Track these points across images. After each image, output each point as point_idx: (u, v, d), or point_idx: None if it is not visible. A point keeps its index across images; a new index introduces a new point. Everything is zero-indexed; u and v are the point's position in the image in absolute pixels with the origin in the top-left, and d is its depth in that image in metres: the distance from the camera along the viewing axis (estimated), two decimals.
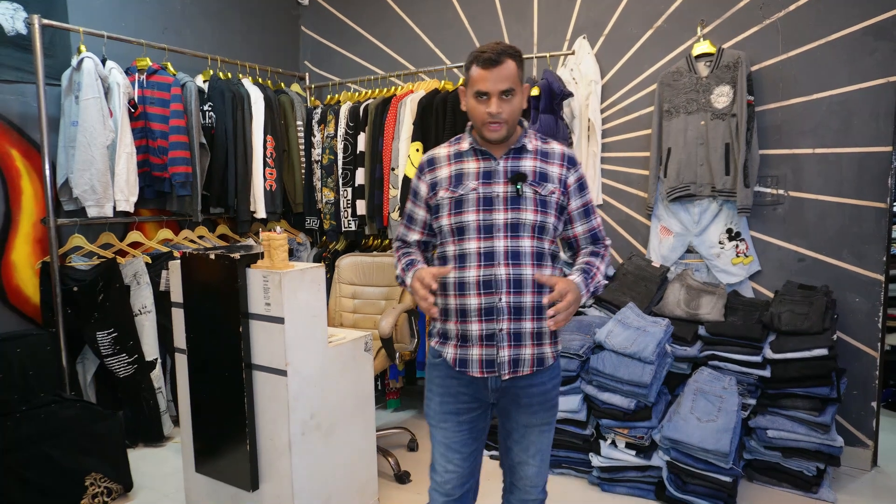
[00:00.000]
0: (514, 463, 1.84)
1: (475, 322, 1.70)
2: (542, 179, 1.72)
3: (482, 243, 1.69)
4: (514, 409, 1.78)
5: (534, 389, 1.75)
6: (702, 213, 3.20)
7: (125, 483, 2.76)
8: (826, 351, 2.63)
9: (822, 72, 2.96)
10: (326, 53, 4.49)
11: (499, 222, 1.69)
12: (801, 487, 2.69)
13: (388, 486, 2.82)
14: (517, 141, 1.74)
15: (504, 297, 1.68)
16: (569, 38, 3.57)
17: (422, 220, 1.83)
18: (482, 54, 1.64)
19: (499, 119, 1.65)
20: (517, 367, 1.71)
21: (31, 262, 3.16)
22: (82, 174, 3.03)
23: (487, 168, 1.72)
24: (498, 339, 1.69)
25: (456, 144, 1.79)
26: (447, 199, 1.73)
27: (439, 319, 1.78)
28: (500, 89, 1.64)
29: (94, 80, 3.02)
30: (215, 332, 2.28)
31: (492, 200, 1.70)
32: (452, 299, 1.72)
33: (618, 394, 2.72)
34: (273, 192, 3.81)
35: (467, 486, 1.82)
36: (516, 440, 1.81)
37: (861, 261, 2.94)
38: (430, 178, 1.78)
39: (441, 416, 1.79)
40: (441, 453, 1.80)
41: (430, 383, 1.83)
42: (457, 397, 1.77)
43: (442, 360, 1.77)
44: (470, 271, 1.69)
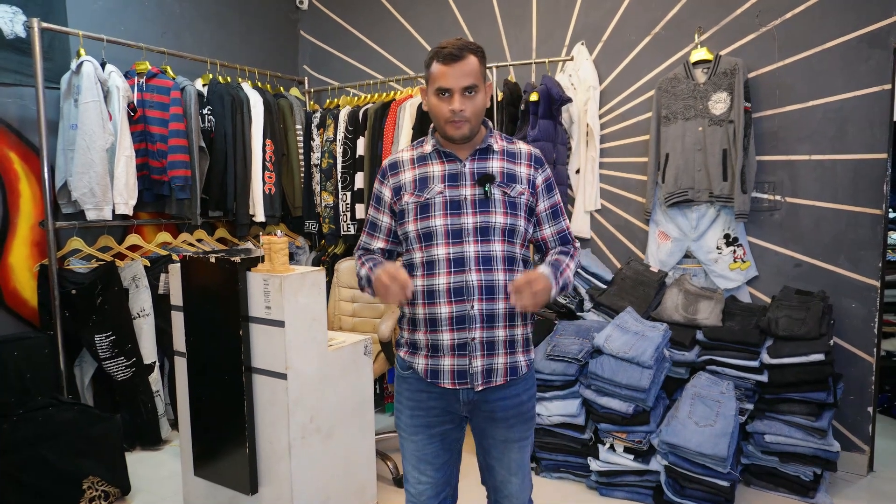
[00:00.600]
0: (497, 482, 1.77)
1: (446, 331, 1.62)
2: (509, 180, 1.66)
3: (451, 248, 1.61)
4: (490, 426, 1.70)
5: (508, 402, 1.68)
6: (699, 218, 3.22)
7: (123, 486, 2.76)
8: (823, 356, 2.65)
9: (817, 79, 2.99)
10: (325, 58, 4.51)
11: (468, 226, 1.62)
12: (798, 492, 2.70)
13: (387, 490, 2.82)
14: (482, 141, 1.67)
15: (476, 305, 1.60)
16: (567, 43, 3.60)
17: (386, 228, 1.74)
18: (442, 49, 1.58)
19: (461, 117, 1.58)
20: (490, 378, 1.64)
21: (29, 264, 3.15)
22: (81, 177, 3.03)
23: (453, 170, 1.65)
24: (470, 349, 1.62)
25: (419, 147, 1.72)
26: (412, 204, 1.65)
27: (407, 330, 1.71)
28: (463, 85, 1.57)
29: (94, 83, 3.03)
30: (215, 336, 2.28)
31: (459, 204, 1.63)
32: (421, 308, 1.64)
33: (616, 398, 2.73)
34: (272, 195, 3.82)
35: (443, 496, 1.76)
36: (497, 458, 1.74)
37: (857, 266, 2.96)
38: (392, 183, 1.70)
39: (412, 429, 1.72)
40: (413, 465, 1.74)
41: (399, 395, 1.75)
42: (428, 411, 1.69)
43: (412, 373, 1.70)
44: (439, 278, 1.61)
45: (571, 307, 3.30)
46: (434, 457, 1.71)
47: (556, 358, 2.87)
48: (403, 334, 1.73)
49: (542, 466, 2.96)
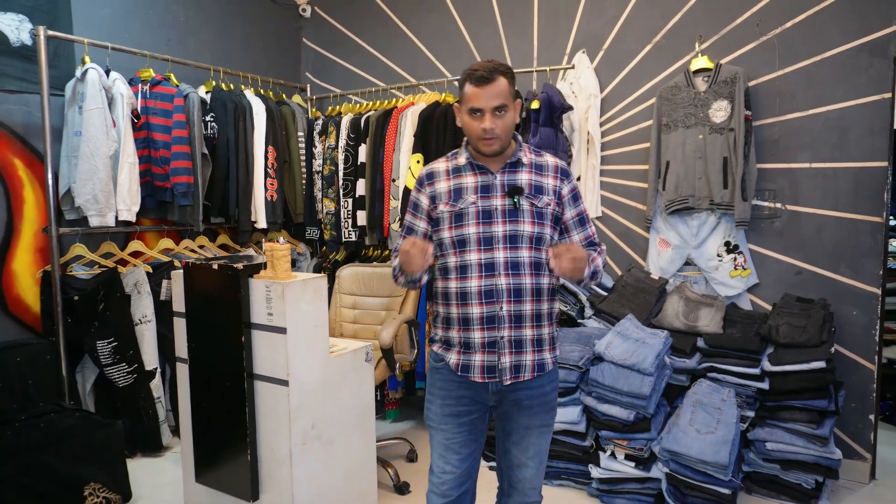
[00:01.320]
0: (512, 465, 1.88)
1: (477, 330, 1.76)
2: (537, 192, 1.78)
3: (483, 255, 1.75)
4: (514, 412, 1.82)
5: (533, 392, 1.81)
6: (700, 225, 3.22)
7: (124, 493, 2.76)
8: (824, 364, 2.65)
9: (818, 88, 3.00)
10: (328, 65, 4.53)
11: (498, 234, 1.75)
12: (799, 500, 2.70)
13: (388, 497, 2.82)
14: (512, 155, 1.79)
15: (505, 306, 1.74)
16: (568, 52, 3.62)
17: (422, 232, 1.85)
18: (475, 72, 1.70)
19: (493, 134, 1.70)
20: (518, 373, 1.77)
21: (32, 270, 3.16)
22: (85, 184, 3.04)
23: (485, 182, 1.78)
24: (499, 346, 1.76)
25: (454, 159, 1.84)
26: (447, 213, 1.78)
27: (441, 328, 1.85)
28: (493, 105, 1.69)
29: (98, 90, 3.05)
30: (217, 342, 2.28)
31: (490, 213, 1.76)
32: (455, 308, 1.78)
33: (617, 405, 2.73)
34: (274, 202, 3.83)
35: (465, 488, 1.85)
36: (515, 441, 1.85)
37: (858, 274, 2.96)
38: (429, 191, 1.83)
39: (441, 419, 1.83)
40: (440, 454, 1.85)
41: (431, 387, 1.88)
42: (458, 400, 1.82)
43: (444, 365, 1.83)
44: (472, 281, 1.75)
45: (572, 314, 3.31)
46: (461, 446, 1.82)
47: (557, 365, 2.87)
48: (437, 332, 1.87)
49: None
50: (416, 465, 3.18)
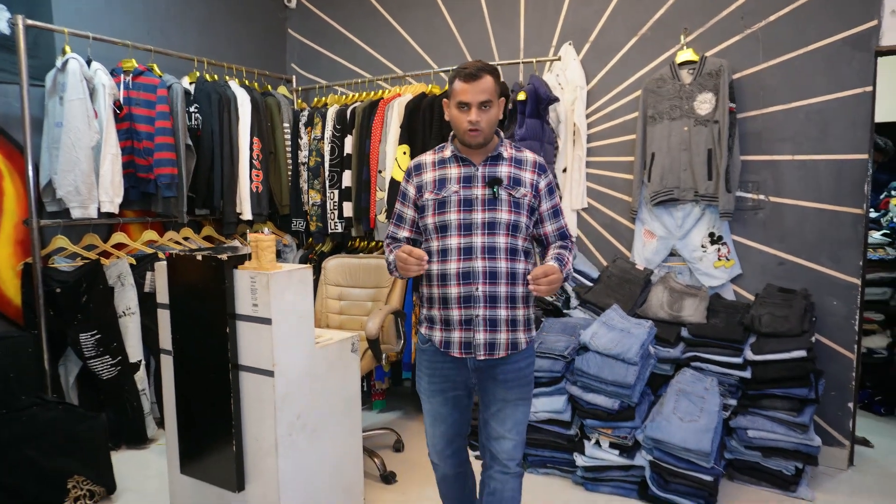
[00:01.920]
0: (491, 438, 2.02)
1: (455, 308, 1.91)
2: (515, 184, 1.92)
3: (462, 239, 1.90)
4: (491, 385, 1.98)
5: (508, 367, 1.95)
6: (685, 217, 3.25)
7: (108, 485, 2.74)
8: (805, 353, 2.69)
9: (801, 81, 3.03)
10: (313, 56, 4.50)
11: (477, 221, 1.89)
12: (780, 486, 2.74)
13: (375, 487, 2.83)
14: (494, 149, 1.94)
15: (480, 287, 1.89)
16: (555, 43, 3.62)
17: (410, 220, 2.02)
18: (464, 70, 1.86)
19: (478, 127, 1.85)
20: (493, 350, 1.91)
21: (13, 263, 3.12)
22: (66, 175, 3.01)
23: (468, 173, 1.93)
24: (475, 324, 1.90)
25: (440, 152, 2.00)
26: (432, 201, 1.93)
27: (425, 307, 2.01)
28: (479, 100, 1.84)
29: (79, 80, 3.01)
30: (202, 333, 2.27)
31: (471, 202, 1.90)
32: (436, 288, 1.94)
33: (602, 394, 2.75)
34: (259, 193, 3.81)
35: (456, 444, 2.08)
36: (493, 414, 1.99)
37: (839, 265, 3.00)
38: (416, 182, 1.99)
39: (430, 394, 2.03)
40: (430, 422, 2.07)
41: (419, 364, 2.05)
42: (443, 378, 1.99)
43: (430, 345, 1.99)
44: (451, 264, 1.90)
45: (558, 304, 3.33)
46: (448, 415, 2.03)
47: (543, 355, 2.89)
48: (423, 311, 2.03)
49: (528, 462, 2.98)
50: (402, 454, 3.19)
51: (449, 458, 2.08)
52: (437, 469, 2.13)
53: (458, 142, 1.94)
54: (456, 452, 2.09)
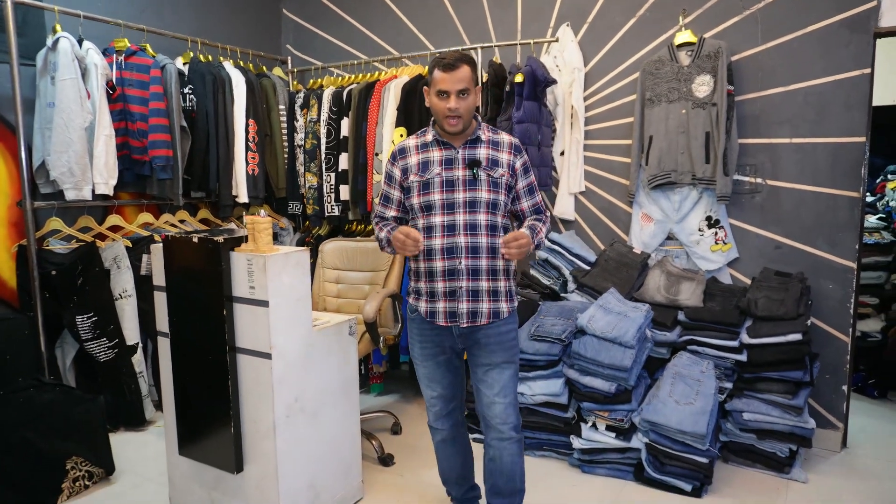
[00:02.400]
0: (483, 405, 2.16)
1: (440, 281, 2.06)
2: (493, 164, 2.07)
3: (445, 217, 2.05)
4: (477, 351, 2.13)
5: (490, 331, 2.10)
6: (682, 200, 3.25)
7: (107, 467, 2.75)
8: (800, 336, 2.70)
9: (799, 63, 3.02)
10: (309, 37, 4.45)
11: (459, 200, 2.04)
12: (774, 468, 2.77)
13: (373, 469, 2.85)
14: (473, 133, 2.08)
15: (463, 261, 2.04)
16: (552, 25, 3.59)
17: (396, 200, 2.16)
18: (442, 60, 2.00)
19: (457, 113, 1.99)
20: (475, 318, 2.07)
21: (7, 245, 3.10)
22: (60, 156, 2.98)
23: (449, 156, 2.07)
24: (458, 295, 2.06)
25: (422, 136, 2.14)
26: (416, 183, 2.08)
27: (412, 280, 2.16)
28: (458, 89, 1.98)
29: (71, 60, 2.97)
30: (199, 316, 2.27)
31: (453, 183, 2.05)
32: (422, 263, 2.09)
33: (599, 377, 2.77)
34: (255, 176, 3.78)
35: (452, 405, 2.24)
36: (481, 379, 2.14)
37: (835, 249, 3.01)
38: (402, 164, 2.12)
39: (422, 358, 2.19)
40: (426, 385, 2.22)
41: (410, 332, 2.20)
42: (432, 343, 2.15)
43: (417, 314, 2.15)
44: (436, 240, 2.05)
45: (555, 288, 3.33)
46: (441, 377, 2.19)
47: (540, 338, 2.90)
48: (410, 283, 2.18)
49: (525, 444, 2.99)
50: (400, 437, 3.20)
51: (445, 418, 2.23)
52: (437, 434, 2.27)
53: (439, 127, 2.07)
54: (452, 413, 2.25)
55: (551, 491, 2.68)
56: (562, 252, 3.36)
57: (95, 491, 2.68)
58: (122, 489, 2.71)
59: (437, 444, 2.30)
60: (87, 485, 2.67)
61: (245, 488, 2.28)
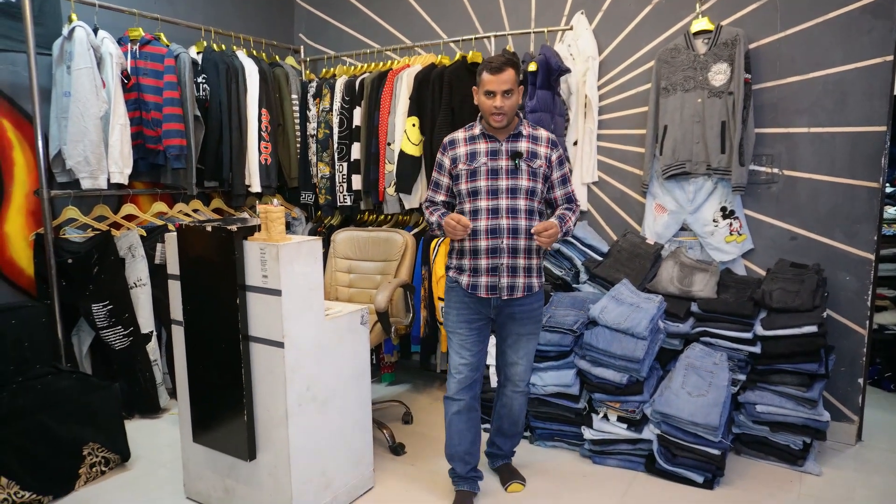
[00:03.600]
0: (506, 363, 2.48)
1: (483, 258, 2.32)
2: (532, 156, 2.33)
3: (490, 202, 2.31)
4: (509, 322, 2.41)
5: (524, 307, 2.38)
6: (696, 191, 3.21)
7: (122, 453, 2.79)
8: (816, 328, 2.67)
9: (818, 50, 2.96)
10: (321, 26, 4.44)
11: (502, 187, 2.31)
12: (787, 461, 2.75)
13: (384, 458, 2.86)
14: (515, 128, 2.34)
15: (505, 241, 2.31)
16: (567, 13, 3.55)
17: (445, 186, 2.41)
18: (490, 63, 2.25)
19: (502, 111, 2.25)
20: (513, 292, 2.34)
21: (25, 233, 3.14)
22: (76, 145, 3.00)
23: (494, 148, 2.33)
24: (500, 271, 2.32)
25: (470, 130, 2.39)
26: (464, 171, 2.33)
27: (455, 258, 2.39)
28: (503, 89, 2.23)
29: (87, 49, 2.98)
30: (212, 304, 2.28)
31: (497, 172, 2.31)
32: (468, 242, 2.34)
33: (610, 368, 2.76)
34: (268, 165, 3.79)
35: (476, 375, 2.43)
36: (510, 345, 2.45)
37: (852, 240, 2.97)
38: (451, 154, 2.38)
39: (457, 325, 2.40)
40: (456, 351, 2.41)
41: (448, 301, 2.44)
42: (469, 309, 2.38)
43: (457, 285, 2.39)
44: (481, 222, 2.31)
45: (567, 279, 3.32)
46: (472, 344, 2.40)
47: (552, 329, 2.89)
48: (452, 261, 2.42)
49: (536, 435, 3.00)
50: (411, 427, 3.22)
51: (467, 389, 2.40)
52: (453, 405, 2.43)
53: (485, 122, 2.32)
54: (473, 385, 2.42)
55: (562, 481, 2.68)
56: (574, 242, 3.35)
57: (111, 476, 2.72)
58: (137, 475, 2.75)
59: (451, 416, 2.44)
60: (104, 470, 2.72)
61: (258, 475, 2.31)
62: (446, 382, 2.45)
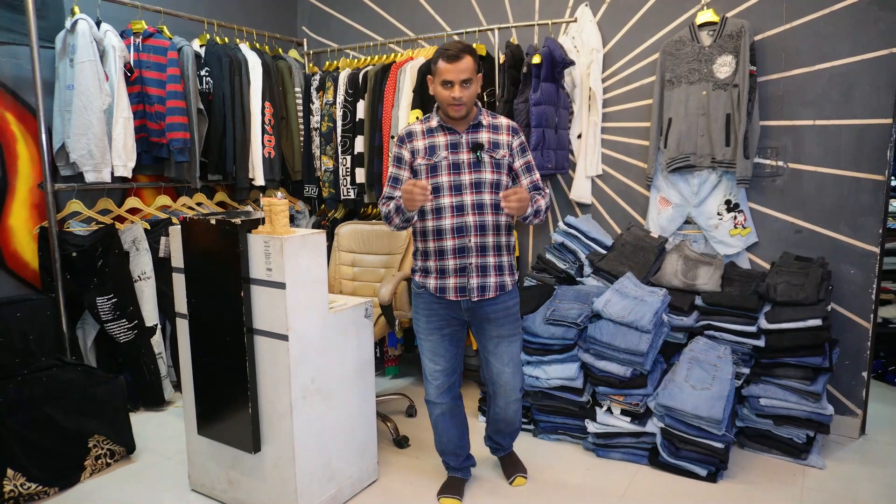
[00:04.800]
0: (493, 373, 2.36)
1: (451, 259, 2.21)
2: (494, 147, 2.23)
3: (453, 198, 2.19)
4: (485, 325, 2.29)
5: (498, 306, 2.27)
6: (701, 184, 3.20)
7: (127, 445, 2.81)
8: (820, 321, 2.66)
9: (824, 42, 2.94)
10: (324, 19, 4.42)
11: (465, 181, 2.20)
12: (790, 454, 2.75)
13: (387, 451, 2.87)
14: (474, 118, 2.23)
15: (472, 239, 2.20)
16: (571, 5, 3.53)
17: (406, 181, 2.22)
18: (446, 51, 2.11)
19: (460, 101, 2.13)
20: (484, 292, 2.23)
21: (29, 226, 3.15)
22: (79, 139, 3.00)
23: (454, 140, 2.22)
24: (468, 271, 2.22)
25: (427, 122, 2.26)
26: (424, 166, 2.21)
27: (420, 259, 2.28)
28: (461, 79, 2.11)
29: (89, 42, 2.98)
30: (216, 297, 2.29)
31: (459, 165, 2.21)
32: (432, 243, 2.22)
33: (614, 362, 2.76)
34: (271, 159, 3.79)
35: (453, 378, 2.37)
36: (491, 351, 2.33)
37: (857, 233, 2.96)
38: (410, 147, 2.26)
39: (427, 331, 2.31)
40: (430, 358, 2.34)
41: (416, 308, 2.34)
42: (439, 317, 2.28)
43: (424, 290, 2.28)
44: (445, 220, 2.19)
45: (571, 272, 3.31)
46: (445, 350, 2.32)
47: (556, 322, 2.89)
48: (417, 263, 2.30)
49: (539, 428, 3.00)
50: (415, 419, 3.23)
51: (446, 392, 2.35)
52: (436, 408, 2.39)
53: (443, 113, 2.21)
54: (451, 387, 2.37)
55: (566, 474, 2.69)
56: (578, 236, 3.34)
57: (117, 469, 2.74)
58: (142, 467, 2.76)
59: (435, 417, 2.41)
60: (109, 462, 2.73)
61: (262, 468, 2.32)
62: (424, 385, 2.41)
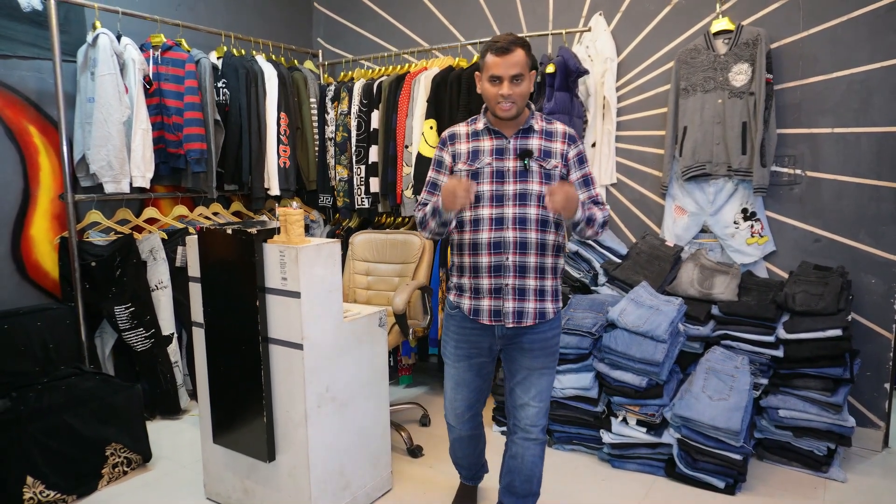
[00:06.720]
0: (516, 405, 2.10)
1: (485, 277, 1.98)
2: (546, 155, 1.97)
3: (493, 210, 1.96)
4: (518, 354, 2.05)
5: (535, 336, 2.01)
6: (717, 192, 3.18)
7: (144, 453, 2.83)
8: (840, 332, 2.62)
9: (843, 49, 2.91)
10: (339, 30, 4.47)
11: (509, 192, 1.95)
12: (811, 467, 2.70)
13: (401, 460, 2.87)
14: (525, 122, 1.99)
15: (511, 257, 1.95)
16: (585, 14, 3.53)
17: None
18: (496, 43, 1.88)
19: (510, 100, 1.89)
20: (521, 319, 1.98)
21: (50, 237, 3.20)
22: (99, 150, 3.05)
23: (500, 146, 1.98)
24: (504, 293, 1.97)
25: (473, 124, 2.04)
26: (465, 172, 1.98)
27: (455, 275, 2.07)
28: (511, 74, 1.87)
29: (110, 56, 3.03)
30: (232, 307, 2.30)
31: (503, 174, 1.96)
32: (467, 258, 2.01)
33: (630, 372, 2.73)
34: (287, 169, 3.82)
35: (475, 409, 2.20)
36: (519, 382, 2.07)
37: (878, 242, 2.91)
38: (451, 150, 2.04)
39: (455, 358, 2.11)
40: (452, 387, 2.15)
41: (446, 330, 2.13)
42: (470, 344, 2.07)
43: (458, 311, 2.06)
44: (482, 234, 1.97)
45: (585, 281, 3.30)
46: (471, 381, 2.12)
47: (570, 331, 2.88)
48: (453, 279, 2.09)
49: (554, 438, 2.98)
50: (429, 429, 3.22)
51: (467, 421, 2.19)
52: (453, 430, 2.25)
53: (490, 115, 1.98)
54: (473, 416, 2.20)
55: (581, 485, 2.66)
56: (593, 244, 3.33)
57: (133, 477, 2.76)
58: (158, 476, 2.78)
59: (453, 438, 2.30)
60: (126, 471, 2.75)
61: (277, 476, 2.32)
62: (444, 405, 2.24)
